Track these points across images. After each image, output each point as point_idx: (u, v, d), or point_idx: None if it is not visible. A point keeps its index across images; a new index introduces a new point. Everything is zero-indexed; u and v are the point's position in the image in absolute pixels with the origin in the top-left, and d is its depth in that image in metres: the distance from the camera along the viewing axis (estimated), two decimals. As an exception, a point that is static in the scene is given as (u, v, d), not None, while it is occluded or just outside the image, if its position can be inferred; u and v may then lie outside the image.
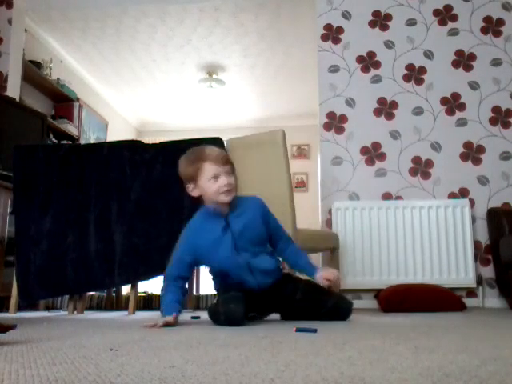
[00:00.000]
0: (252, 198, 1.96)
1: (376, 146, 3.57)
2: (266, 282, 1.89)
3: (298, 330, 1.45)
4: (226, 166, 1.81)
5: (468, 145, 3.51)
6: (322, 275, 1.93)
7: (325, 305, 1.89)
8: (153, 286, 3.54)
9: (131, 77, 5.79)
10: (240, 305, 1.73)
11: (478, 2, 3.68)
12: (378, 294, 3.08)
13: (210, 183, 1.78)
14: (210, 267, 1.96)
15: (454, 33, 3.67)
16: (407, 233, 3.35)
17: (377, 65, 3.69)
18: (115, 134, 6.20)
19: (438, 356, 0.90)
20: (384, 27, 3.73)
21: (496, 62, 3.59)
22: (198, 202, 1.89)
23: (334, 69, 3.71)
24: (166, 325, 1.69)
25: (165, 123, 7.31)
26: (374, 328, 1.61)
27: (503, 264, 3.03)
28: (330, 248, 3.12)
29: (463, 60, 3.62)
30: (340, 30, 3.76)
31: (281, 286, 1.94)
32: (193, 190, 1.84)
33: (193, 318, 2.28)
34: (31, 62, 4.33)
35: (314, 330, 1.42)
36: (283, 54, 5.19)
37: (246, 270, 1.85)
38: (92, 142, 5.38)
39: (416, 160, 3.53)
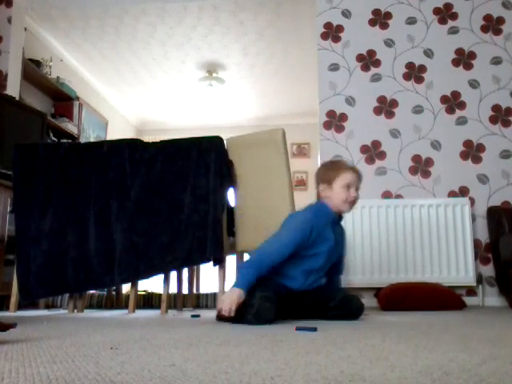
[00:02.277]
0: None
1: (376, 144, 3.57)
2: (315, 286, 2.04)
3: (298, 328, 1.46)
4: (359, 182, 2.04)
5: (468, 143, 3.51)
6: None
7: (334, 297, 1.97)
8: (153, 284, 3.54)
9: (131, 75, 5.79)
10: (274, 307, 1.80)
11: (478, 1, 3.67)
12: (377, 292, 3.09)
13: (341, 190, 1.99)
14: (294, 259, 1.96)
15: (454, 31, 3.66)
16: (407, 231, 3.35)
17: (377, 63, 3.69)
18: (115, 133, 6.19)
19: (437, 354, 0.90)
20: (384, 26, 3.73)
21: (496, 61, 3.58)
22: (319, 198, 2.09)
23: (334, 67, 3.71)
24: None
25: (165, 122, 7.30)
26: (373, 327, 1.61)
27: (503, 262, 3.04)
28: (330, 247, 3.11)
29: (463, 58, 3.62)
30: (340, 28, 3.76)
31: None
32: (323, 191, 2.04)
33: (192, 316, 2.29)
34: (31, 60, 4.33)
35: (314, 329, 1.43)
36: (283, 53, 5.19)
37: (319, 272, 2.04)
38: (92, 140, 5.37)
39: (416, 158, 3.53)
